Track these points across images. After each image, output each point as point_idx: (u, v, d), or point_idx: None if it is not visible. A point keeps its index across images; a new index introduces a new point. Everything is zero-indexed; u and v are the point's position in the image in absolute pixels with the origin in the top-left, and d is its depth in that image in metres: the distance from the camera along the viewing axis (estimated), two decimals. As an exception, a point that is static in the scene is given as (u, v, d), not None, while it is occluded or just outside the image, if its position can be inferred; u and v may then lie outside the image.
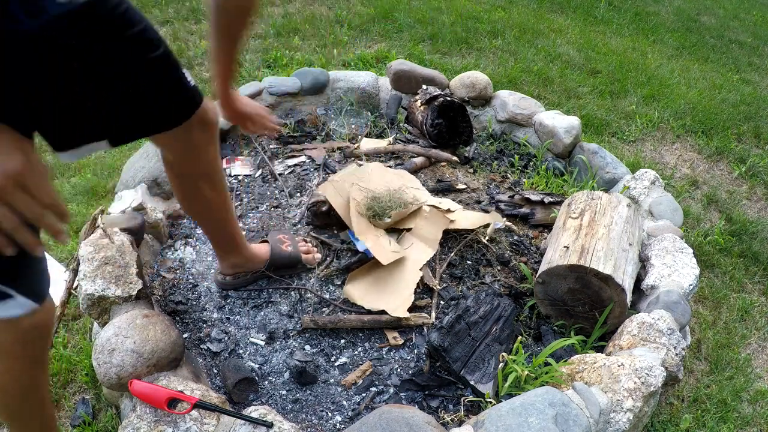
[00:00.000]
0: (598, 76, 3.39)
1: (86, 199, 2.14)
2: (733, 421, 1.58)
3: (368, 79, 2.58)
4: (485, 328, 1.49)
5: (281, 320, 1.58)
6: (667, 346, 1.37)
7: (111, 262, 1.46)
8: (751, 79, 3.71)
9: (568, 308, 1.59)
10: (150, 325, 1.31)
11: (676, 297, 1.52)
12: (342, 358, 1.50)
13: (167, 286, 1.66)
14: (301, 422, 1.35)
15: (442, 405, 1.40)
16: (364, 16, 3.69)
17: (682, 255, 1.66)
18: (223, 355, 1.49)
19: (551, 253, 1.62)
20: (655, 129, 2.94)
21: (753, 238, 2.25)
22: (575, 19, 4.24)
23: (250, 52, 3.23)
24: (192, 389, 1.23)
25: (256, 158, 2.23)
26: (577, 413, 1.17)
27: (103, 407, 1.47)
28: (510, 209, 1.99)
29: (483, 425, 1.16)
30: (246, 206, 1.98)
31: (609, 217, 1.66)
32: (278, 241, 1.67)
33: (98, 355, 1.27)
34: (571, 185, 2.19)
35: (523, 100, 2.49)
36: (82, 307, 1.44)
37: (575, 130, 2.29)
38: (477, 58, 3.43)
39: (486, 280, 1.73)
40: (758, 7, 5.25)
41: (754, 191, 2.58)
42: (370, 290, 1.62)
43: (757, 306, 1.98)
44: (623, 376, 1.28)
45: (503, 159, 2.35)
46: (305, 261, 1.67)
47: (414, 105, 2.37)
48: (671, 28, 4.41)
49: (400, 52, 3.32)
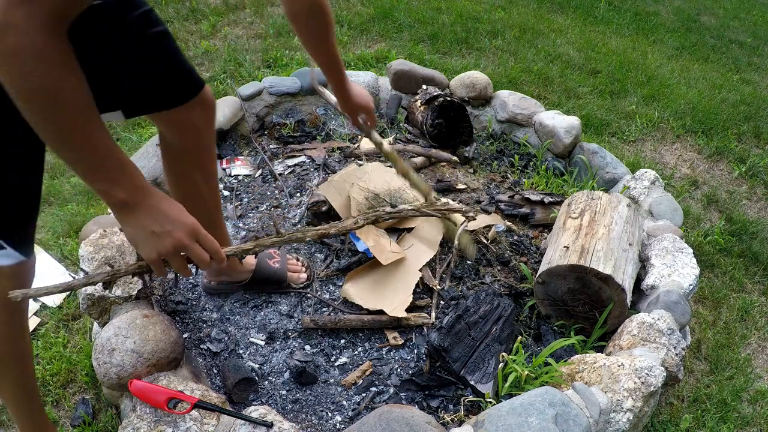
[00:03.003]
0: (598, 76, 3.39)
1: (86, 199, 2.14)
2: (733, 421, 1.58)
3: (368, 79, 2.57)
4: (485, 328, 1.49)
5: (281, 320, 1.58)
6: (667, 346, 1.37)
7: (111, 262, 1.46)
8: (751, 79, 3.71)
9: (568, 308, 1.59)
10: (150, 325, 1.31)
11: (676, 297, 1.52)
12: (342, 358, 1.50)
13: (167, 286, 1.66)
14: (301, 422, 1.35)
15: (442, 405, 1.40)
16: (364, 16, 3.69)
17: (682, 255, 1.66)
18: (223, 355, 1.49)
19: (551, 253, 1.62)
20: (655, 129, 2.94)
21: (753, 238, 2.25)
22: (575, 19, 4.24)
23: (250, 52, 3.23)
24: (192, 389, 1.23)
25: (256, 158, 2.23)
26: (577, 413, 1.18)
27: (103, 407, 1.47)
28: (510, 209, 1.99)
29: (483, 425, 1.16)
30: (246, 206, 1.98)
31: (609, 217, 1.66)
32: (267, 255, 1.64)
33: (98, 355, 1.27)
34: (571, 185, 2.19)
35: (523, 100, 2.48)
36: (82, 307, 1.44)
37: (575, 130, 2.29)
38: (477, 58, 3.43)
39: (486, 280, 1.73)
40: (758, 7, 5.24)
41: (754, 191, 2.58)
42: (369, 290, 1.62)
43: (757, 306, 1.98)
44: (623, 376, 1.28)
45: (503, 159, 2.35)
46: (290, 280, 1.63)
47: (414, 105, 2.37)
48: (671, 28, 4.41)
49: (400, 52, 3.32)
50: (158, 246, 0.87)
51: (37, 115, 0.75)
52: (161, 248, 0.88)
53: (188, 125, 1.24)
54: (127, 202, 0.84)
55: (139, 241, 0.88)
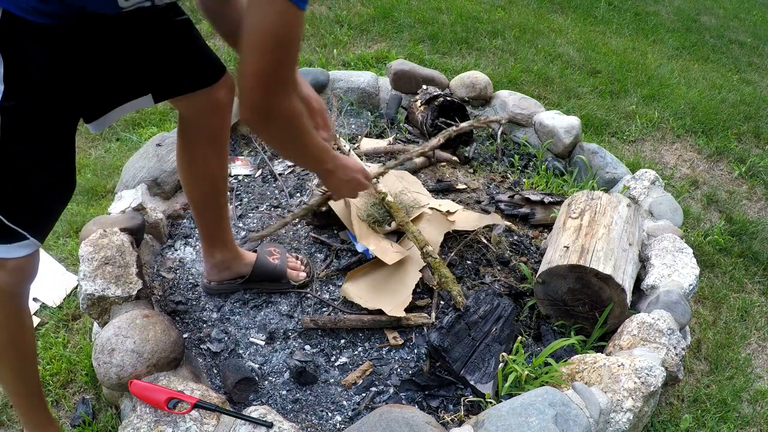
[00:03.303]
0: (598, 76, 3.40)
1: (86, 198, 2.14)
2: (733, 421, 1.58)
3: (368, 79, 2.57)
4: (485, 328, 1.49)
5: (281, 320, 1.58)
6: (667, 346, 1.37)
7: (111, 262, 1.46)
8: (751, 79, 3.71)
9: (568, 308, 1.59)
10: (150, 325, 1.31)
11: (676, 297, 1.52)
12: (342, 358, 1.50)
13: (167, 286, 1.66)
14: (301, 422, 1.35)
15: (442, 405, 1.40)
16: (364, 16, 3.69)
17: (682, 255, 1.66)
18: (223, 355, 1.49)
19: (551, 253, 1.62)
20: (655, 129, 2.94)
21: (753, 238, 2.25)
22: (575, 19, 4.24)
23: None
24: (192, 389, 1.23)
25: (256, 158, 2.23)
26: (577, 413, 1.18)
27: (103, 407, 1.47)
28: (510, 209, 1.99)
29: (483, 425, 1.16)
30: (246, 206, 1.98)
31: (609, 217, 1.66)
32: (267, 252, 1.65)
33: (98, 355, 1.27)
34: (571, 185, 2.19)
35: (523, 100, 2.48)
36: (82, 307, 1.44)
37: (575, 130, 2.29)
38: (477, 58, 3.43)
39: (486, 280, 1.73)
40: (758, 7, 5.25)
41: (754, 191, 2.58)
42: (369, 290, 1.62)
43: (757, 306, 1.98)
44: (623, 376, 1.28)
45: (503, 159, 2.35)
46: (289, 277, 1.65)
47: (414, 105, 2.37)
48: (671, 28, 4.41)
49: (400, 52, 3.32)
50: (350, 186, 1.33)
51: (288, 149, 1.17)
52: (351, 187, 1.34)
53: (213, 106, 1.32)
54: (331, 169, 1.24)
55: (340, 187, 1.32)
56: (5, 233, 1.01)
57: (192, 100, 1.28)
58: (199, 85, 1.26)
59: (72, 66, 1.00)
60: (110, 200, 1.93)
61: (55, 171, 1.04)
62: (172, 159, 1.92)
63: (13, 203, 1.00)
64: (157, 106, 2.67)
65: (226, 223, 1.55)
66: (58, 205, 1.09)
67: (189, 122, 1.36)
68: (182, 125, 1.38)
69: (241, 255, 1.61)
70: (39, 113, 0.97)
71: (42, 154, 1.01)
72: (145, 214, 1.71)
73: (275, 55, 0.92)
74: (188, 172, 1.44)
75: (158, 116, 2.66)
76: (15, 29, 0.90)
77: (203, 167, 1.42)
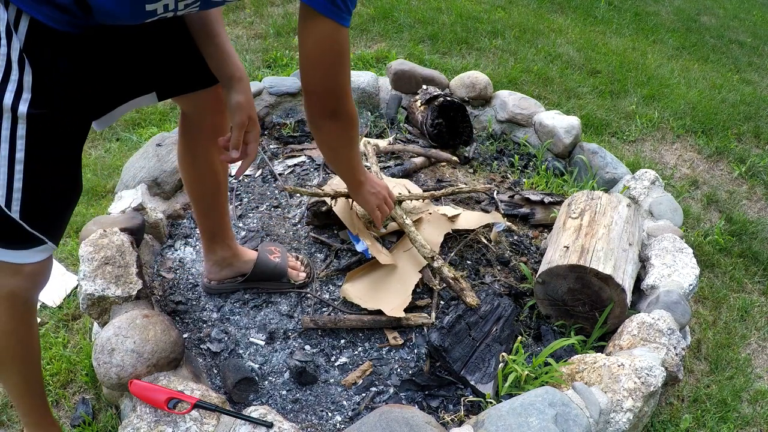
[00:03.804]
0: (598, 76, 3.40)
1: (86, 198, 2.14)
2: (733, 421, 1.58)
3: (368, 79, 2.58)
4: (485, 328, 1.49)
5: (281, 320, 1.58)
6: (667, 346, 1.37)
7: (111, 262, 1.46)
8: (751, 79, 3.71)
9: (568, 308, 1.59)
10: (150, 325, 1.31)
11: (676, 297, 1.52)
12: (342, 358, 1.50)
13: (167, 286, 1.66)
14: (301, 422, 1.35)
15: (442, 405, 1.40)
16: (364, 16, 3.70)
17: (682, 255, 1.66)
18: (223, 355, 1.49)
19: (551, 253, 1.62)
20: (655, 129, 2.94)
21: (753, 238, 2.25)
22: (575, 19, 4.24)
23: (250, 52, 3.23)
24: (192, 389, 1.23)
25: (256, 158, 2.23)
26: (577, 413, 1.18)
27: (103, 407, 1.47)
28: (510, 209, 1.99)
29: (483, 425, 1.16)
30: (246, 206, 1.98)
31: (609, 217, 1.66)
32: (268, 251, 1.66)
33: (98, 355, 1.27)
34: (571, 185, 2.19)
35: (523, 100, 2.49)
36: (82, 307, 1.44)
37: (575, 130, 2.29)
38: (477, 58, 3.43)
39: (486, 280, 1.73)
40: (758, 7, 5.25)
41: (754, 191, 2.58)
42: (369, 290, 1.62)
43: (757, 306, 1.98)
44: (623, 376, 1.28)
45: (503, 159, 2.35)
46: (289, 276, 1.65)
47: (414, 105, 2.37)
48: (671, 28, 4.41)
49: (400, 52, 3.32)
50: (376, 198, 1.54)
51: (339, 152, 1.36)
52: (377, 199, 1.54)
53: (216, 104, 1.32)
54: (362, 180, 1.48)
55: (368, 199, 1.53)
56: (25, 239, 1.01)
57: (195, 97, 1.29)
58: (203, 84, 1.27)
59: (90, 72, 1.02)
60: (110, 200, 1.93)
61: (68, 175, 1.05)
62: (172, 159, 1.92)
63: (34, 209, 1.00)
64: (158, 106, 2.68)
65: (227, 220, 1.56)
66: (70, 209, 1.10)
67: (192, 119, 1.36)
68: (185, 122, 1.38)
69: (241, 253, 1.61)
70: (60, 120, 0.98)
71: (58, 159, 1.02)
72: (145, 214, 1.71)
73: (335, 67, 1.13)
74: (190, 169, 1.44)
75: (158, 116, 2.66)
76: (43, 39, 0.92)
77: (205, 164, 1.42)
